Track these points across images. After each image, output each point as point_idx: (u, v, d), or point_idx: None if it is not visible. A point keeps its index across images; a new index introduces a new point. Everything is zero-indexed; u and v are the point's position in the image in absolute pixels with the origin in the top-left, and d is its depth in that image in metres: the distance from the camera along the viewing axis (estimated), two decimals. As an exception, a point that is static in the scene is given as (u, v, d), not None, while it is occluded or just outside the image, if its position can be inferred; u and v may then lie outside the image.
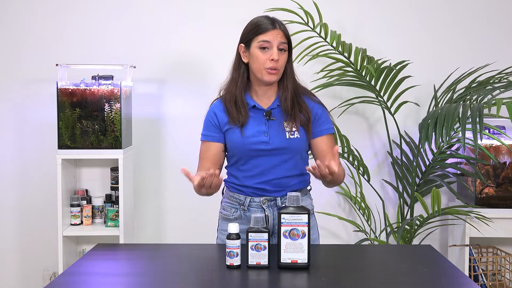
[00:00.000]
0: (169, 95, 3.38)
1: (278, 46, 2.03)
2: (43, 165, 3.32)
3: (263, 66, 2.03)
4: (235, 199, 2.13)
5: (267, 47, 2.03)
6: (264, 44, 2.03)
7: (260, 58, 2.03)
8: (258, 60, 2.04)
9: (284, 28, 2.07)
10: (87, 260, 1.91)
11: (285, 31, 2.07)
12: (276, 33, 2.04)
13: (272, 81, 2.06)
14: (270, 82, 2.06)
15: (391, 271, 1.83)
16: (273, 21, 2.06)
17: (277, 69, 2.03)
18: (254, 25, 2.07)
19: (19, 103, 3.35)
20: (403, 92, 3.13)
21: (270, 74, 2.04)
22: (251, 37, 2.05)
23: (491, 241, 3.27)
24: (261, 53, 2.03)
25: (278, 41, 2.03)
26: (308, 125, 2.09)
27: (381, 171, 3.42)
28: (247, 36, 2.07)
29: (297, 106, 2.08)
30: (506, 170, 3.05)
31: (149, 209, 3.42)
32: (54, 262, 3.22)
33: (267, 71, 2.03)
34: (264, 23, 2.05)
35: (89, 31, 3.34)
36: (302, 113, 2.08)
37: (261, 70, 2.04)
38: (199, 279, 1.74)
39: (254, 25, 2.06)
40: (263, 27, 2.04)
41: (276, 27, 2.05)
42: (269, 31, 2.03)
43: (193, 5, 3.36)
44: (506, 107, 2.52)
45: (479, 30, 3.39)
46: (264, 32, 2.03)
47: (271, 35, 2.03)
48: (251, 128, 2.07)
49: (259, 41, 2.03)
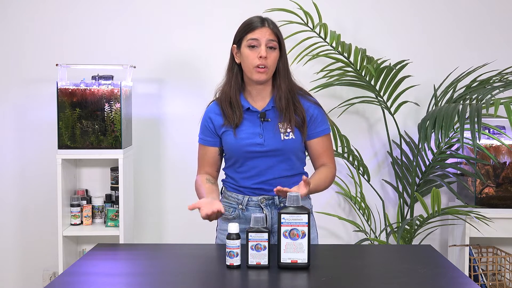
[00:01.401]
0: (169, 95, 3.38)
1: (266, 44, 2.03)
2: (43, 165, 3.32)
3: (252, 64, 2.03)
4: (233, 198, 2.14)
5: (256, 45, 2.03)
6: (253, 42, 2.03)
7: (249, 56, 2.04)
8: (247, 59, 2.04)
9: (273, 26, 2.07)
10: (87, 260, 1.91)
11: (274, 29, 2.06)
12: (264, 31, 2.04)
13: (261, 79, 2.05)
14: (259, 80, 2.05)
15: (391, 271, 1.83)
16: (262, 20, 2.07)
17: (266, 67, 2.03)
18: (244, 24, 2.08)
19: (19, 103, 3.35)
20: (403, 92, 3.13)
21: (259, 72, 2.03)
22: (241, 36, 2.07)
23: (491, 241, 3.27)
24: (250, 52, 2.04)
25: (266, 39, 2.03)
26: (303, 126, 2.08)
27: (381, 171, 3.42)
28: (238, 36, 2.09)
29: (292, 106, 2.08)
30: (506, 170, 3.05)
31: (149, 209, 3.42)
32: (54, 262, 3.22)
33: (256, 69, 2.03)
34: (253, 22, 2.06)
35: (89, 31, 3.34)
36: (297, 113, 2.08)
37: (251, 69, 2.04)
38: (199, 279, 1.74)
39: (244, 25, 2.08)
40: (251, 26, 2.05)
41: (265, 25, 2.05)
42: (257, 29, 2.04)
43: (193, 5, 3.36)
44: (504, 107, 2.52)
45: (479, 30, 3.39)
46: (252, 31, 2.04)
47: (259, 33, 2.03)
48: (246, 130, 2.07)
49: (248, 40, 2.04)
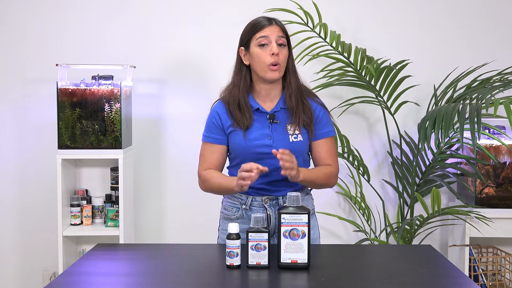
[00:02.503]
0: (169, 95, 3.38)
1: (277, 41, 2.03)
2: (43, 165, 3.32)
3: (265, 63, 2.03)
4: (236, 198, 2.13)
5: (266, 43, 2.03)
6: (263, 40, 2.03)
7: (260, 55, 2.03)
8: (259, 58, 2.04)
9: (281, 24, 2.08)
10: (87, 260, 1.91)
11: (282, 27, 2.07)
12: (273, 28, 2.04)
13: (275, 77, 2.05)
14: (273, 78, 2.05)
15: (391, 271, 1.83)
16: (269, 19, 2.07)
17: (279, 64, 2.03)
18: (251, 25, 2.08)
19: (19, 103, 3.35)
20: (403, 92, 3.13)
21: (272, 70, 2.03)
22: (249, 37, 2.06)
23: (491, 241, 3.27)
24: (261, 50, 2.03)
25: (276, 35, 2.04)
26: (310, 125, 2.09)
27: (381, 171, 3.42)
28: (245, 38, 2.08)
29: (301, 104, 2.08)
30: (506, 170, 3.05)
31: (149, 209, 3.42)
32: (54, 262, 3.22)
33: (270, 67, 2.03)
34: (260, 21, 2.06)
35: (89, 31, 3.35)
36: (305, 112, 2.08)
37: (264, 68, 2.04)
38: (199, 279, 1.74)
39: (251, 25, 2.08)
40: (259, 25, 2.05)
41: (273, 23, 2.06)
42: (266, 27, 2.04)
43: (193, 5, 3.36)
44: (504, 106, 2.52)
45: (479, 30, 3.39)
46: (261, 29, 2.04)
47: (268, 31, 2.04)
48: (255, 131, 2.07)
49: (257, 39, 2.04)
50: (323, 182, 2.09)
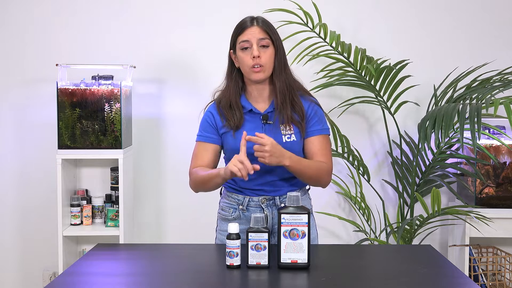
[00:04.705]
0: (169, 95, 3.38)
1: (258, 43, 2.03)
2: (43, 165, 3.32)
3: (247, 66, 2.04)
4: (233, 199, 2.13)
5: (247, 46, 2.04)
6: (244, 44, 2.04)
7: (243, 58, 2.04)
8: (243, 61, 2.05)
9: (263, 24, 2.06)
10: (87, 260, 1.92)
11: (264, 27, 2.05)
12: (253, 30, 2.04)
13: (259, 78, 2.04)
14: (258, 80, 2.05)
15: (391, 271, 1.83)
16: (252, 19, 2.07)
17: (261, 66, 2.03)
18: (236, 27, 2.09)
19: (19, 103, 3.36)
20: (403, 92, 3.13)
21: (255, 72, 2.03)
22: (233, 40, 2.08)
23: (491, 241, 3.27)
24: (244, 54, 2.04)
25: (257, 38, 2.03)
26: (302, 123, 2.07)
27: (381, 171, 3.42)
28: (231, 41, 2.10)
29: (288, 102, 2.06)
30: (506, 170, 3.05)
31: (149, 209, 3.42)
32: (54, 262, 3.22)
33: (252, 69, 2.03)
34: (241, 24, 2.07)
35: (89, 31, 3.35)
36: (295, 110, 2.07)
37: (247, 70, 2.05)
38: (199, 279, 1.74)
39: (235, 28, 2.09)
40: (241, 28, 2.06)
41: (254, 24, 2.05)
42: (246, 30, 2.04)
43: (193, 5, 3.36)
44: (504, 106, 2.52)
45: (479, 30, 3.39)
46: (242, 33, 2.05)
47: (249, 34, 2.04)
48: (248, 131, 2.06)
49: (239, 43, 2.05)
50: (313, 174, 2.03)
